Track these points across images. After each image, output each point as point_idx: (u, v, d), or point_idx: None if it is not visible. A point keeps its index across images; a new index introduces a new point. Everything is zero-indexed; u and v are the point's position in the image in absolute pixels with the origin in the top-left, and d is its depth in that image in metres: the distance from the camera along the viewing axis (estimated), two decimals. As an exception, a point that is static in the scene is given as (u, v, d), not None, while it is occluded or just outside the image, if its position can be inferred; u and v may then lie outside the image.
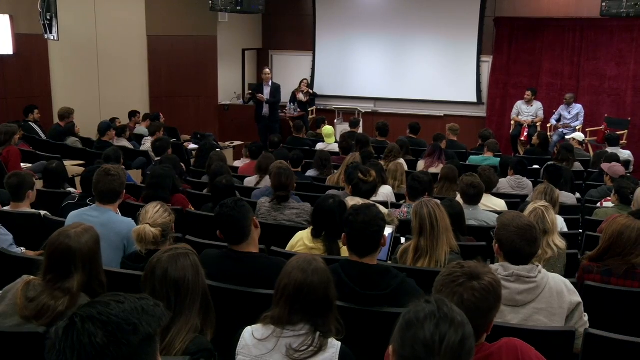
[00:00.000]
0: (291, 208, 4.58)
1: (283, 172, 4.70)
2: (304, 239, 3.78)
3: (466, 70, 12.02)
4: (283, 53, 13.29)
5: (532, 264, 2.70)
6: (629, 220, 3.24)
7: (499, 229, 2.77)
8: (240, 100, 12.47)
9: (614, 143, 8.49)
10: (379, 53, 12.57)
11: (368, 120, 11.76)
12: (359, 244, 2.83)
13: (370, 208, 2.92)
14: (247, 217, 3.10)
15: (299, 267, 2.28)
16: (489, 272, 1.97)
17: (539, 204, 3.67)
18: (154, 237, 3.17)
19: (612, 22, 10.70)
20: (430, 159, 7.08)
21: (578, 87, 11.24)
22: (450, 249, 3.48)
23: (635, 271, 3.18)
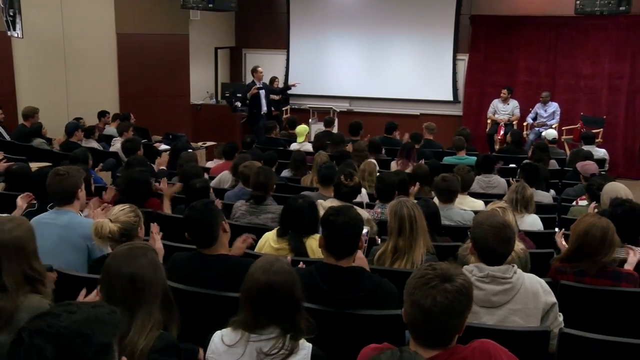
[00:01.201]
0: (267, 212, 4.58)
1: (262, 171, 4.74)
2: (269, 240, 3.80)
3: (442, 69, 12.12)
4: (256, 51, 13.25)
5: (507, 265, 2.73)
6: (594, 219, 3.27)
7: (474, 228, 2.81)
8: (212, 100, 12.40)
9: (589, 141, 8.61)
10: (354, 51, 12.61)
11: (343, 120, 11.74)
12: (338, 245, 2.84)
13: (350, 209, 2.95)
14: (216, 221, 3.10)
15: (260, 268, 2.28)
16: (460, 274, 2.00)
17: (497, 204, 3.71)
18: (110, 233, 3.14)
19: (587, 21, 10.87)
20: (401, 159, 7.12)
21: (554, 85, 11.40)
22: (427, 249, 3.51)
23: (607, 270, 3.23)
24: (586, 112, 11.01)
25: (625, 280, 3.23)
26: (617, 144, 10.94)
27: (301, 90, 12.58)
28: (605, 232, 3.18)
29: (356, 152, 7.05)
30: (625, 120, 10.97)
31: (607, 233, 3.18)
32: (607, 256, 3.21)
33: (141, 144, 7.35)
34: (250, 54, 13.37)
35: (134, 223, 3.25)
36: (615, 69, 10.96)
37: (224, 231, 3.15)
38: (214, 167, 7.12)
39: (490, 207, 3.75)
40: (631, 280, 3.25)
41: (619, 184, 4.74)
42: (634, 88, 10.86)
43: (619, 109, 10.98)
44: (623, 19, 10.56)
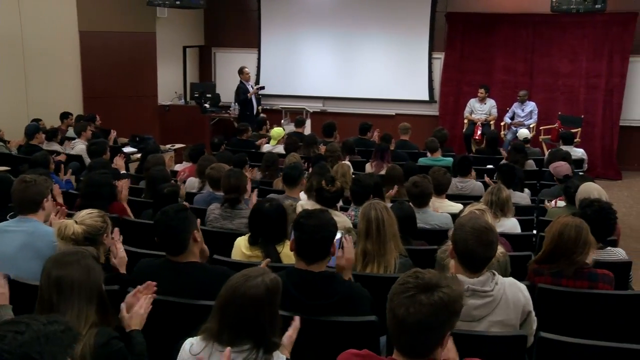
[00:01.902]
0: (241, 217, 4.57)
1: (233, 173, 4.73)
2: (241, 247, 3.79)
3: (418, 68, 12.21)
4: (226, 50, 13.22)
5: (488, 272, 2.73)
6: (567, 219, 3.33)
7: (455, 229, 2.80)
8: (181, 101, 12.32)
9: (569, 142, 8.71)
10: (327, 50, 12.63)
11: (317, 120, 11.77)
12: (308, 249, 2.84)
13: (322, 213, 2.95)
14: (188, 229, 3.09)
15: (239, 278, 2.24)
16: (445, 286, 1.92)
17: (475, 207, 3.74)
18: (74, 234, 3.11)
19: (563, 18, 11.04)
20: (376, 160, 7.15)
21: (532, 84, 11.54)
22: (399, 253, 3.52)
23: (583, 271, 3.29)
24: (564, 111, 11.17)
25: (602, 281, 3.30)
26: (594, 143, 11.11)
27: (273, 91, 12.57)
28: (579, 231, 3.26)
29: (329, 154, 7.07)
30: (603, 119, 11.14)
31: (581, 232, 3.26)
32: (583, 255, 3.27)
33: (107, 146, 7.28)
34: (220, 53, 13.33)
35: (100, 228, 3.22)
36: (593, 67, 11.14)
37: (194, 240, 3.13)
38: (181, 170, 7.07)
39: (469, 209, 3.78)
40: (607, 280, 3.32)
41: (594, 184, 4.82)
42: (611, 87, 11.05)
43: (596, 108, 11.16)
44: (599, 16, 10.74)
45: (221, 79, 13.18)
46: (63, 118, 9.82)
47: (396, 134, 8.95)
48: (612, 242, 4.14)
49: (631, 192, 10.05)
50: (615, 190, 10.08)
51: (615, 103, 11.06)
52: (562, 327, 3.02)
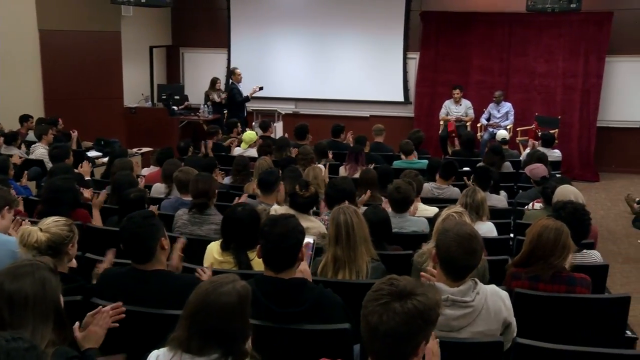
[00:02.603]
0: (210, 223, 4.56)
1: (201, 177, 4.73)
2: (213, 252, 3.78)
3: (392, 68, 12.28)
4: (195, 50, 13.18)
5: (470, 281, 2.73)
6: (547, 221, 3.38)
7: (440, 234, 2.82)
8: (148, 103, 12.24)
9: (548, 144, 8.81)
10: (299, 50, 12.65)
11: (289, 122, 11.78)
12: (274, 257, 2.85)
13: (288, 219, 2.94)
14: (155, 236, 3.07)
15: (209, 285, 2.23)
16: (420, 294, 1.92)
17: (453, 209, 3.78)
18: (37, 242, 3.07)
19: (539, 18, 11.20)
20: (350, 163, 7.18)
21: (508, 84, 11.67)
22: (371, 257, 3.55)
23: (561, 275, 3.34)
24: (541, 112, 11.33)
25: (580, 285, 3.35)
26: (572, 144, 11.29)
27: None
28: (559, 234, 3.30)
29: (302, 157, 7.08)
30: (580, 120, 11.32)
31: (560, 235, 3.30)
32: (561, 259, 3.31)
33: (70, 150, 7.21)
34: (188, 53, 13.28)
35: (65, 238, 3.18)
36: (569, 67, 11.31)
37: (162, 248, 3.11)
38: (148, 175, 7.03)
39: (446, 212, 3.79)
40: (585, 284, 3.37)
41: (570, 187, 4.90)
42: (588, 87, 11.22)
43: (573, 108, 11.33)
44: (575, 16, 10.92)
45: (190, 80, 13.13)
46: (23, 121, 9.66)
47: (370, 136, 8.99)
48: (588, 245, 4.20)
49: (609, 194, 10.20)
50: (593, 192, 10.24)
51: (592, 104, 11.23)
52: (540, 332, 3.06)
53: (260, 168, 6.08)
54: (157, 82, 12.63)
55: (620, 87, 11.30)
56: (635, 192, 9.40)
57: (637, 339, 3.75)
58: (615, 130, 11.44)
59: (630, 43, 11.07)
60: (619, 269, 6.72)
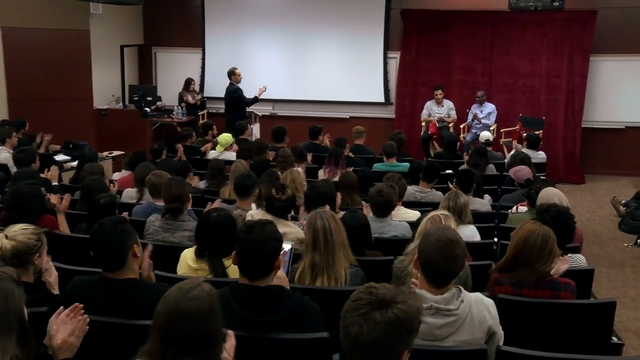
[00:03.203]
0: (184, 229, 4.55)
1: (174, 182, 4.71)
2: (187, 259, 3.77)
3: (372, 68, 12.32)
4: (168, 50, 13.12)
5: (454, 288, 2.74)
6: (534, 225, 3.40)
7: (422, 238, 2.83)
8: (119, 104, 12.15)
9: (534, 145, 8.88)
10: (277, 49, 12.65)
11: (266, 125, 11.79)
12: (250, 265, 2.84)
13: (265, 226, 2.93)
14: (126, 243, 3.05)
15: (175, 292, 2.21)
16: (401, 302, 1.91)
17: (439, 211, 3.80)
18: (2, 250, 3.04)
19: (522, 16, 11.31)
20: (330, 166, 7.18)
21: (491, 84, 11.77)
22: (350, 263, 3.56)
23: (545, 280, 3.36)
24: (525, 112, 11.43)
25: (564, 290, 3.38)
26: (557, 146, 11.42)
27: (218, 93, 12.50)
28: (546, 240, 3.32)
29: (281, 159, 7.08)
30: (565, 121, 11.45)
31: (547, 241, 3.32)
32: (546, 265, 3.34)
33: (36, 154, 7.13)
34: (161, 53, 13.22)
35: (32, 247, 3.15)
36: (553, 66, 11.44)
37: (134, 256, 3.09)
38: (120, 179, 6.98)
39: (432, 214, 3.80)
40: (569, 289, 3.40)
41: (554, 189, 4.95)
42: (572, 87, 11.35)
43: (558, 109, 11.46)
44: (559, 14, 11.06)
45: (163, 80, 13.07)
46: (-16, 124, 9.55)
47: (350, 138, 9.01)
48: (573, 249, 4.25)
49: (594, 196, 10.32)
50: (579, 194, 10.36)
51: (576, 104, 11.37)
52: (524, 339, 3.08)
53: (236, 172, 6.07)
54: (128, 83, 12.53)
55: (604, 87, 11.45)
56: (621, 195, 9.52)
57: (623, 345, 3.79)
58: (601, 131, 11.59)
59: (614, 42, 11.23)
60: (605, 273, 6.79)
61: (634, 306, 5.99)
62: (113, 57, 12.24)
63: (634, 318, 5.71)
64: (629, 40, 11.16)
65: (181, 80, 12.14)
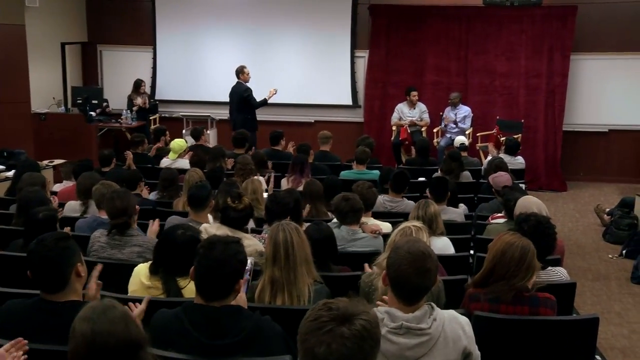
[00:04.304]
0: (133, 245, 4.51)
1: (117, 195, 4.66)
2: (140, 276, 3.75)
3: (339, 68, 12.38)
4: (115, 48, 13.03)
5: (426, 305, 2.76)
6: (513, 237, 3.44)
7: (391, 251, 2.84)
8: (61, 108, 12.01)
9: (512, 150, 8.98)
10: (235, 48, 12.61)
11: (224, 130, 11.75)
12: (207, 284, 2.83)
13: (229, 244, 2.91)
14: (69, 261, 3.01)
15: (85, 319, 2.19)
16: (362, 312, 1.95)
17: (411, 223, 3.82)
18: None
19: (499, 12, 11.50)
20: (294, 174, 7.19)
21: (467, 85, 11.92)
22: (314, 280, 3.57)
23: (523, 295, 3.40)
24: (502, 115, 11.58)
25: (544, 306, 3.42)
26: (537, 151, 11.60)
27: (171, 96, 12.48)
28: (525, 253, 3.35)
29: (241, 167, 7.06)
30: (545, 124, 11.64)
31: (526, 254, 3.36)
32: (525, 280, 3.37)
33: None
34: (107, 51, 13.10)
35: None
36: (532, 66, 11.61)
37: (77, 275, 3.05)
38: (62, 190, 6.89)
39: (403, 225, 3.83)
40: (549, 305, 3.45)
41: (533, 198, 5.00)
42: (552, 87, 11.55)
43: (538, 111, 11.65)
44: (537, 10, 11.27)
45: (109, 82, 12.95)
46: None
47: (315, 144, 9.03)
48: (553, 261, 4.31)
49: (577, 204, 10.49)
50: (560, 202, 10.53)
51: (557, 106, 11.56)
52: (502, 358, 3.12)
53: (190, 182, 6.04)
54: (71, 84, 12.42)
55: (586, 88, 11.67)
56: (605, 202, 9.69)
57: (608, 363, 3.86)
58: (583, 135, 11.80)
59: (596, 39, 11.47)
60: (588, 287, 6.90)
61: (619, 322, 6.07)
62: (53, 56, 12.12)
63: (620, 335, 5.79)
64: (612, 37, 11.40)
65: (130, 81, 12.04)
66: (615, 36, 11.39)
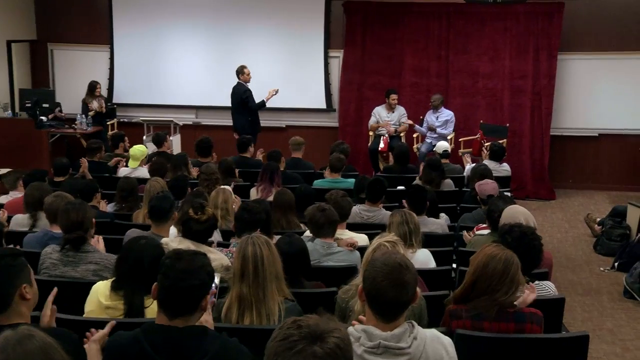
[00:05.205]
0: (88, 262, 4.48)
1: (72, 207, 4.62)
2: (99, 294, 3.72)
3: (312, 69, 12.41)
4: (68, 47, 12.92)
5: (406, 323, 2.76)
6: (496, 249, 3.47)
7: (367, 264, 2.86)
8: (8, 112, 11.88)
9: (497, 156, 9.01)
10: (200, 48, 12.61)
11: (188, 135, 11.71)
12: (171, 299, 2.82)
13: (197, 255, 2.92)
14: (11, 281, 2.96)
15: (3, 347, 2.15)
16: (334, 330, 1.96)
17: (385, 238, 3.84)
18: None
19: (481, 9, 11.60)
20: (263, 184, 7.18)
21: (448, 87, 11.98)
22: (285, 297, 3.57)
23: (507, 311, 3.43)
24: (486, 119, 11.66)
25: (530, 322, 3.45)
26: (523, 157, 11.70)
27: (131, 99, 12.41)
28: (508, 266, 3.38)
29: (205, 177, 7.05)
30: (532, 128, 11.73)
31: (509, 267, 3.39)
32: (508, 295, 3.39)
33: None
34: (59, 51, 12.99)
35: None
36: (517, 66, 11.71)
37: (22, 298, 2.99)
38: (9, 202, 6.82)
39: (377, 241, 3.85)
40: (536, 320, 3.48)
41: (519, 207, 5.02)
42: (539, 89, 11.64)
43: (523, 114, 11.74)
44: (521, 7, 11.38)
45: (62, 84, 12.84)
46: None
47: (287, 151, 9.03)
48: (540, 275, 4.35)
49: (566, 214, 10.59)
50: (548, 212, 10.62)
51: (544, 109, 11.64)
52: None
53: (151, 192, 6.01)
54: (18, 87, 12.29)
55: (575, 90, 11.78)
56: (596, 211, 9.80)
57: (598, 384, 3.90)
58: (572, 140, 11.92)
59: (584, 38, 11.60)
60: (579, 302, 6.96)
61: (611, 339, 6.12)
62: (-2, 55, 12.02)
63: (612, 353, 5.84)
64: (601, 35, 11.53)
65: (85, 83, 11.95)
66: (605, 34, 11.50)
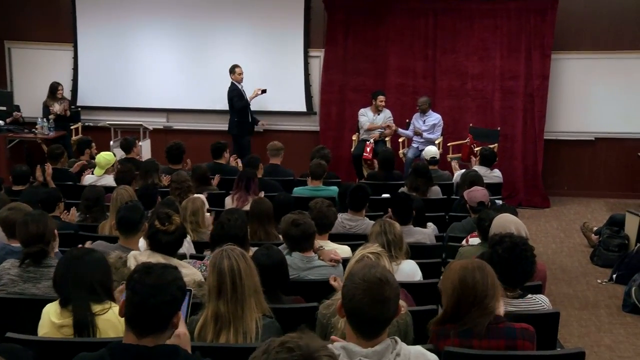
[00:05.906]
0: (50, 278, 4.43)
1: (31, 218, 4.60)
2: (50, 315, 3.69)
3: (291, 69, 12.41)
4: (28, 45, 12.85)
5: (388, 339, 2.77)
6: (463, 262, 3.53)
7: (346, 279, 2.87)
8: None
9: (488, 161, 9.04)
10: (171, 48, 12.60)
11: (159, 140, 11.67)
12: (140, 315, 2.80)
13: (167, 269, 2.92)
14: None
15: None
16: (322, 347, 1.96)
17: (369, 249, 3.84)
18: None
19: (470, 6, 11.67)
20: (239, 192, 7.17)
21: (435, 88, 11.99)
22: (262, 313, 3.57)
23: (498, 326, 3.45)
24: (476, 122, 11.70)
25: (521, 338, 3.47)
26: (515, 162, 11.75)
27: (96, 102, 12.35)
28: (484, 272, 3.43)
29: (176, 185, 7.03)
30: (524, 131, 11.78)
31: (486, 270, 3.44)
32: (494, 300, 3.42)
33: None
34: (17, 49, 12.92)
35: None
36: (508, 66, 11.74)
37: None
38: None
39: (360, 252, 3.86)
40: (527, 336, 3.49)
41: (510, 216, 5.04)
42: (531, 90, 11.68)
43: (515, 117, 11.78)
44: (513, 4, 11.46)
45: (21, 85, 12.76)
46: None
47: (264, 157, 9.03)
48: (534, 288, 4.36)
49: (561, 222, 10.63)
50: (542, 221, 10.65)
51: (537, 111, 11.68)
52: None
53: (118, 201, 5.99)
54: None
55: (569, 91, 11.85)
56: (593, 220, 9.84)
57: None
58: (567, 144, 11.99)
59: (579, 36, 11.68)
60: (575, 316, 6.96)
61: (609, 357, 6.12)
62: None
63: (610, 371, 5.88)
64: (597, 34, 11.61)
65: (47, 84, 11.88)
66: (601, 33, 11.58)
